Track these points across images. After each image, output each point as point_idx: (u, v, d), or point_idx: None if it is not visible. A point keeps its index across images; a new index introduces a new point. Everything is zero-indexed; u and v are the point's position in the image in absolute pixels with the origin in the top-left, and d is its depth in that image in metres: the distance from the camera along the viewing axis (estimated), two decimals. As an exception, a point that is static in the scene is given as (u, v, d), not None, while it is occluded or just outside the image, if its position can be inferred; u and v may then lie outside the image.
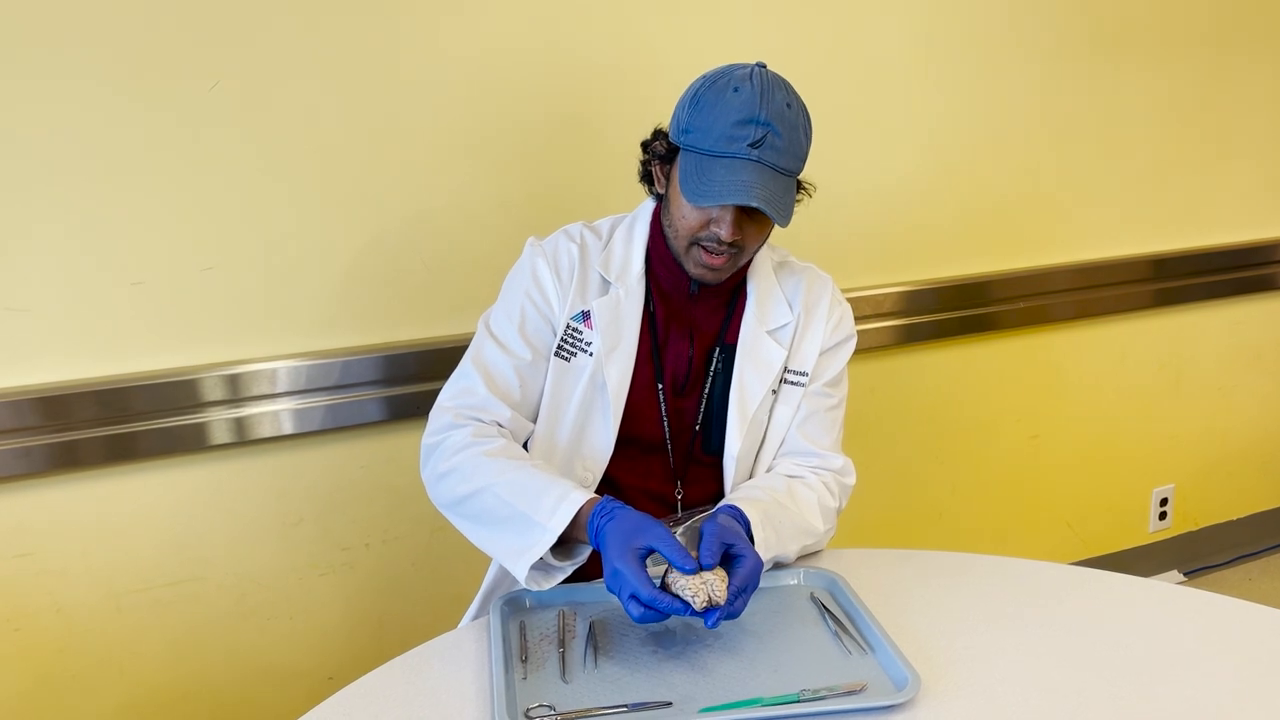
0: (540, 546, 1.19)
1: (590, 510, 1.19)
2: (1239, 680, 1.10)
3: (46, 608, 1.66)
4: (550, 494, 1.21)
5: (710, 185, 1.22)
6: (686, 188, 1.24)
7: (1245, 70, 2.56)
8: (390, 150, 1.74)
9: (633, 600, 1.11)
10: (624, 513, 1.17)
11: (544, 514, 1.19)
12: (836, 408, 1.46)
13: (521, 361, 1.36)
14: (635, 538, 1.13)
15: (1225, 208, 2.65)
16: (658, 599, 1.09)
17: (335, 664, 1.88)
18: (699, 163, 1.24)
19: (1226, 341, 2.75)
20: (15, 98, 1.50)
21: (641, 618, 1.11)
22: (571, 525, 1.19)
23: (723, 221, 1.25)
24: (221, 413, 1.68)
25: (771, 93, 1.22)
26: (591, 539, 1.19)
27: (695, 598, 1.09)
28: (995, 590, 1.30)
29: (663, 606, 1.09)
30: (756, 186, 1.21)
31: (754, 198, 1.20)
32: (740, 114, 1.21)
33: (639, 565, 1.12)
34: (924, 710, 1.06)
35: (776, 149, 1.22)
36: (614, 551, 1.13)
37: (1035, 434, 2.54)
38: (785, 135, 1.22)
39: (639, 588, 1.10)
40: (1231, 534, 2.93)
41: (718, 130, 1.22)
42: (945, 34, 2.18)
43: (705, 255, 1.29)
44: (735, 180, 1.21)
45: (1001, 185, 2.33)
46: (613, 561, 1.13)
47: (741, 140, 1.21)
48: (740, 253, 1.30)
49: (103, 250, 1.59)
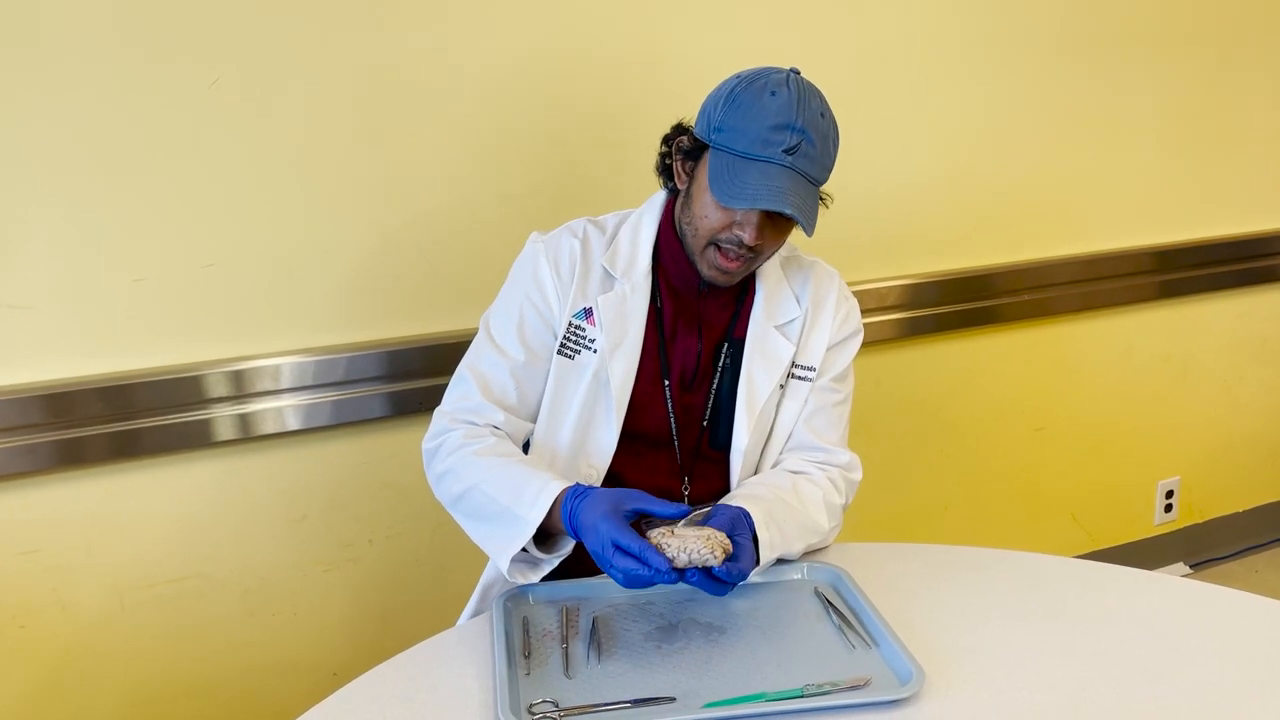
0: (520, 538, 1.20)
1: (562, 500, 1.20)
2: (1244, 673, 1.10)
3: (51, 604, 1.66)
4: (531, 486, 1.21)
5: (744, 187, 1.21)
6: (717, 187, 1.23)
7: (1250, 62, 2.55)
8: (392, 146, 1.74)
9: (617, 551, 1.10)
10: (598, 491, 1.17)
11: (524, 506, 1.20)
12: (843, 403, 1.46)
13: (516, 364, 1.36)
14: (617, 501, 1.13)
15: (1230, 199, 2.64)
16: (637, 547, 1.09)
17: (339, 660, 1.89)
18: (731, 164, 1.22)
19: (1232, 333, 2.74)
20: (16, 95, 1.50)
21: (627, 575, 1.10)
22: (554, 519, 1.20)
23: (747, 225, 1.24)
24: (225, 409, 1.68)
25: (808, 100, 1.22)
26: (565, 522, 1.18)
27: (675, 557, 1.09)
28: (1000, 584, 1.29)
29: (639, 552, 1.08)
30: (790, 193, 1.20)
31: (787, 204, 1.19)
32: (777, 118, 1.20)
33: (622, 520, 1.12)
34: (928, 704, 1.05)
35: (809, 157, 1.22)
36: (594, 514, 1.13)
37: (1040, 427, 2.53)
38: (818, 144, 1.22)
39: (619, 537, 1.10)
40: (1237, 526, 2.93)
41: (753, 133, 1.21)
42: (950, 30, 2.17)
43: (721, 258, 1.29)
44: (769, 185, 1.20)
45: (1005, 178, 2.32)
46: (595, 522, 1.12)
47: (777, 145, 1.20)
48: (756, 258, 1.30)
49: (105, 247, 1.59)
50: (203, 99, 1.60)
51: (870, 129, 2.14)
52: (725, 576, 1.13)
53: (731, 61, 1.44)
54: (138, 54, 1.55)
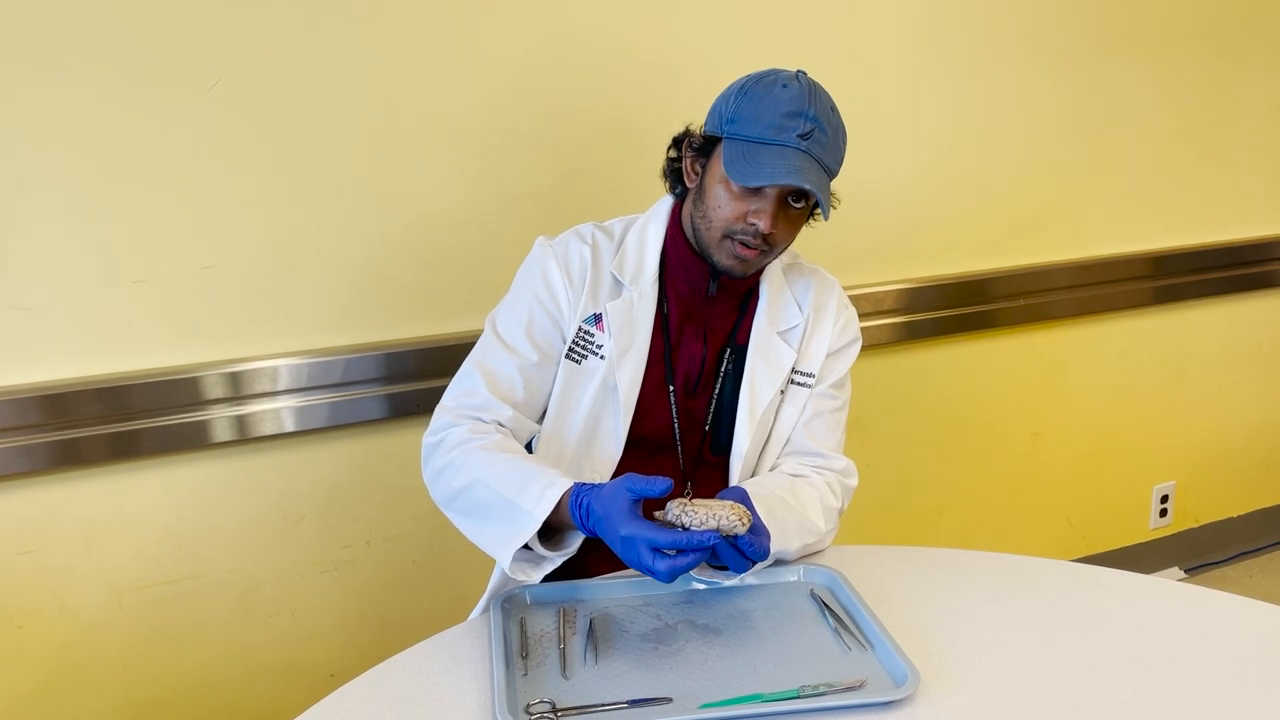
0: (525, 533, 1.19)
1: (570, 495, 1.19)
2: (1239, 677, 1.10)
3: (49, 605, 1.66)
4: (538, 481, 1.21)
5: (760, 166, 1.22)
6: (733, 170, 1.24)
7: (1246, 68, 2.56)
8: (392, 148, 1.74)
9: (656, 554, 1.09)
10: (605, 489, 1.16)
11: (530, 500, 1.19)
12: (841, 410, 1.46)
13: (527, 362, 1.36)
14: (626, 500, 1.12)
15: (1226, 205, 2.65)
16: (679, 539, 1.09)
17: (337, 661, 1.89)
18: (746, 149, 1.24)
19: (1227, 338, 2.75)
20: (16, 95, 1.50)
21: (670, 571, 1.09)
22: (561, 515, 1.19)
23: (763, 212, 1.25)
24: (223, 410, 1.69)
25: (818, 94, 1.25)
26: (578, 519, 1.18)
27: (703, 524, 1.09)
28: (995, 587, 1.30)
29: (686, 543, 1.08)
30: (806, 172, 1.22)
31: (805, 180, 1.21)
32: (790, 106, 1.23)
33: (644, 521, 1.11)
34: (923, 706, 1.06)
35: (822, 144, 1.24)
36: (614, 521, 1.12)
37: (1036, 431, 2.54)
38: (830, 135, 1.25)
39: (655, 536, 1.09)
40: (1232, 531, 2.93)
41: (767, 119, 1.23)
42: (947, 32, 2.18)
43: (739, 248, 1.29)
44: (786, 164, 1.22)
45: (1002, 182, 2.33)
46: (618, 530, 1.11)
47: (791, 130, 1.22)
48: (771, 250, 1.31)
49: (104, 248, 1.59)
50: (203, 101, 1.60)
51: (868, 133, 2.14)
52: (749, 551, 1.14)
53: (733, 64, 1.45)
54: (139, 56, 1.55)
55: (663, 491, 1.11)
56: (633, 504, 1.13)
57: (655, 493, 1.11)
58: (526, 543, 1.21)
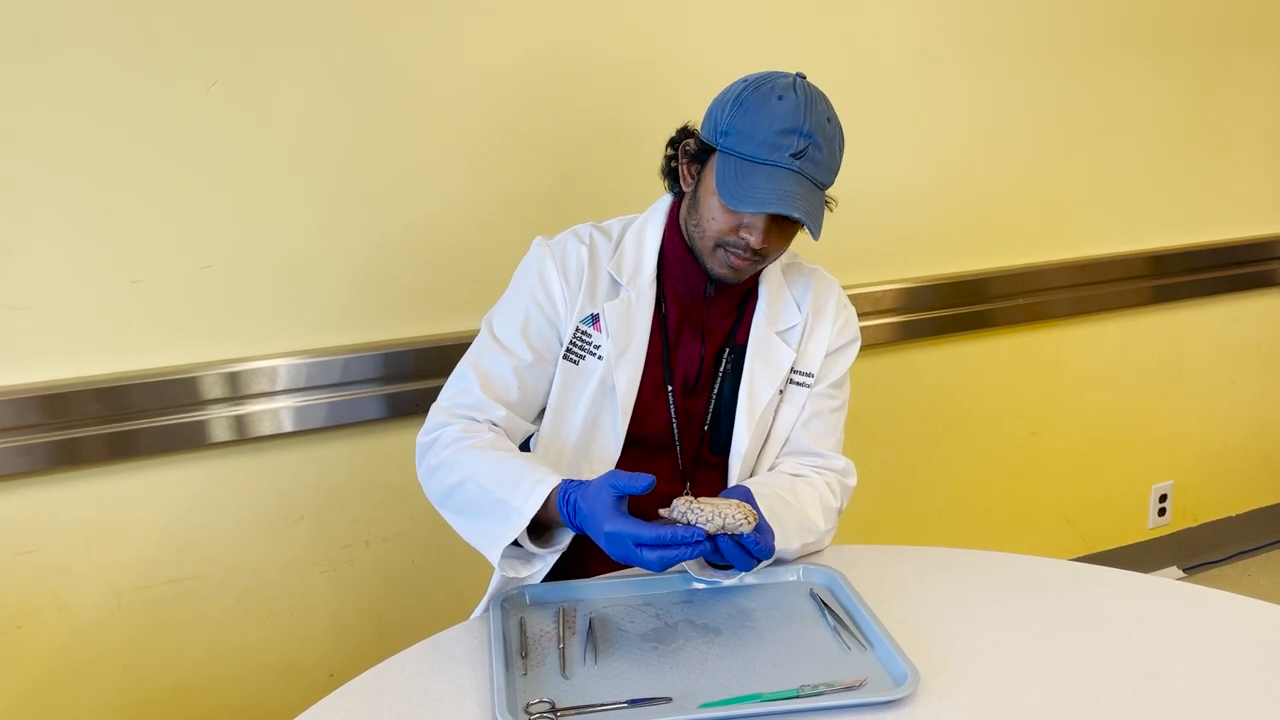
0: (514, 529, 1.19)
1: (558, 492, 1.19)
2: (1238, 676, 1.11)
3: (48, 605, 1.66)
4: (527, 479, 1.21)
5: (751, 191, 1.21)
6: (725, 191, 1.23)
7: (1244, 68, 2.56)
8: (392, 148, 1.74)
9: (642, 548, 1.09)
10: (590, 486, 1.16)
11: (519, 498, 1.19)
12: (839, 410, 1.46)
13: (522, 363, 1.36)
14: (611, 498, 1.12)
15: (1223, 205, 2.65)
16: (663, 534, 1.08)
17: (336, 661, 1.89)
18: (739, 167, 1.23)
19: (1225, 338, 2.75)
20: (16, 96, 1.50)
21: (661, 561, 1.09)
22: (551, 512, 1.19)
23: (755, 228, 1.25)
24: (222, 410, 1.69)
25: (814, 104, 1.23)
26: (565, 516, 1.18)
27: (709, 522, 1.09)
28: (994, 586, 1.30)
29: (670, 538, 1.08)
30: (797, 197, 1.21)
31: (795, 208, 1.20)
32: (784, 122, 1.21)
33: (628, 517, 1.11)
34: (923, 706, 1.06)
35: (816, 161, 1.22)
36: (599, 518, 1.12)
37: (1034, 430, 2.54)
38: (824, 148, 1.23)
39: (639, 532, 1.09)
40: (1231, 530, 2.94)
41: (760, 136, 1.22)
42: (944, 32, 2.18)
43: (731, 258, 1.29)
44: (776, 189, 1.21)
45: (1000, 182, 2.33)
46: (602, 527, 1.11)
47: (784, 149, 1.21)
48: (763, 260, 1.31)
49: (103, 248, 1.59)
50: (202, 101, 1.60)
51: (866, 134, 2.14)
52: (755, 549, 1.13)
53: (731, 64, 1.46)
54: (138, 55, 1.55)
55: (645, 488, 1.11)
56: (617, 500, 1.12)
57: (638, 489, 1.11)
58: (517, 540, 1.21)
